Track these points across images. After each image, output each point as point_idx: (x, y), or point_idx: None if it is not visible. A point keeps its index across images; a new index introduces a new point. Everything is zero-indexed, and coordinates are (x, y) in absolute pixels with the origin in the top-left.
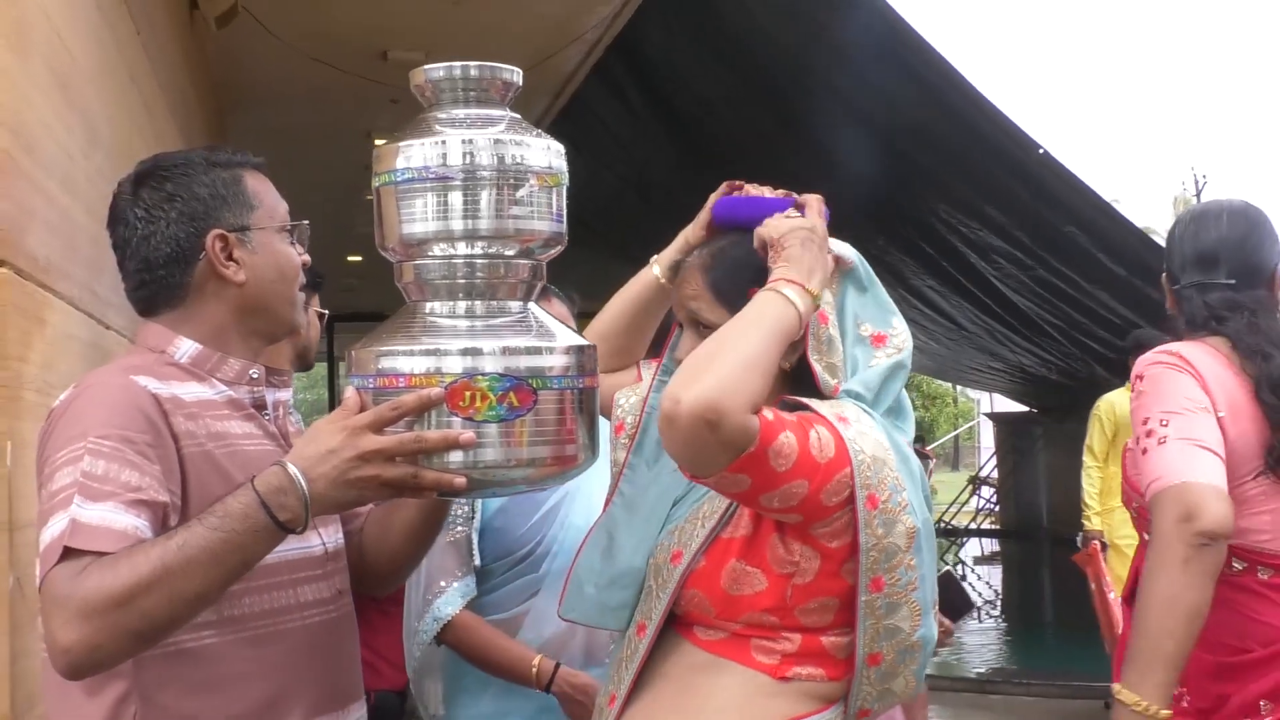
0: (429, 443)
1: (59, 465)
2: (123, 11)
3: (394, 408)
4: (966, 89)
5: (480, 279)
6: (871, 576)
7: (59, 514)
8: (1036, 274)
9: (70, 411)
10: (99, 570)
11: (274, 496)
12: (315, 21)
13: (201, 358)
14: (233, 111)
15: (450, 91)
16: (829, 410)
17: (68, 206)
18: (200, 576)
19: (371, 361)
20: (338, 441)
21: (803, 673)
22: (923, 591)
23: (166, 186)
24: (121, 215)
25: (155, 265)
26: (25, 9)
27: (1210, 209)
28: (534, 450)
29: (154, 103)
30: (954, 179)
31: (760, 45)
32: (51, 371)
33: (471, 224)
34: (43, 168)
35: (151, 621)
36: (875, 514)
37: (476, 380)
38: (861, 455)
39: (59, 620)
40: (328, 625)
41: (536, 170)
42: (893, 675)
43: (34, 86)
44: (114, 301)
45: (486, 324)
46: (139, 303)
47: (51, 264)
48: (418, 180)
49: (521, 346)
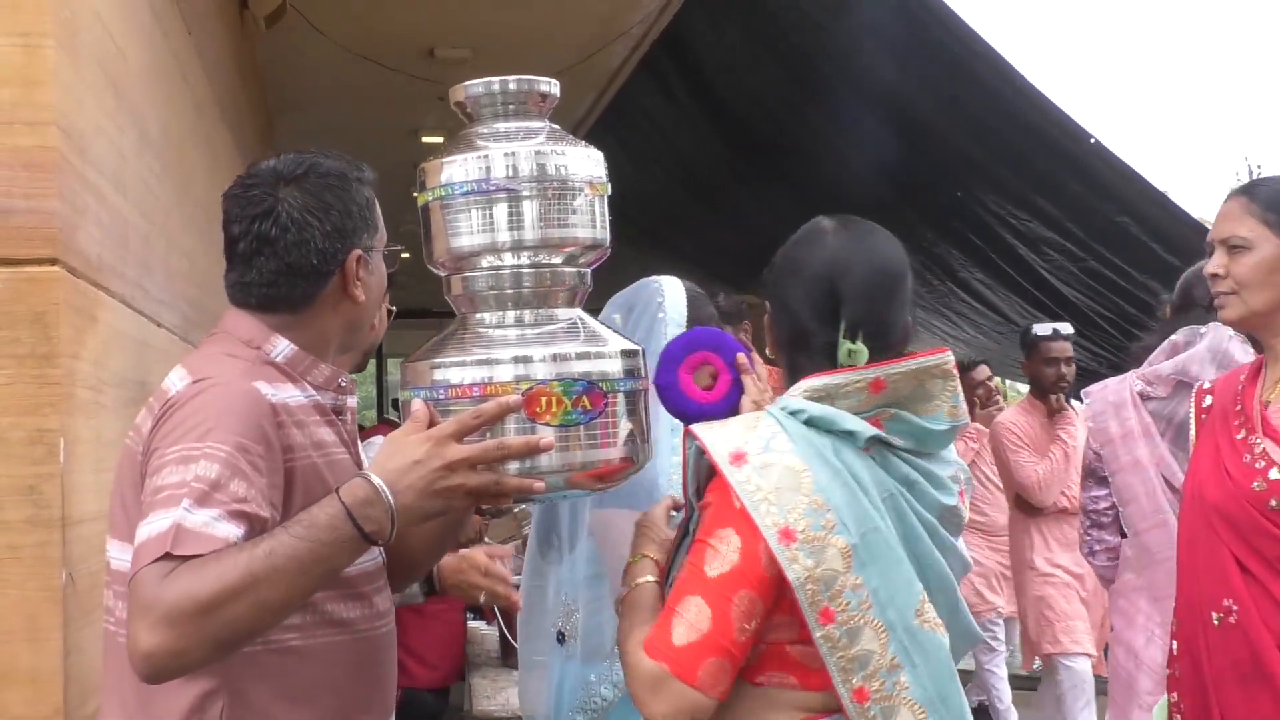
0: (512, 449)
1: (169, 460)
2: (174, 12)
3: (476, 416)
4: (1018, 81)
5: (528, 288)
6: (818, 609)
7: (162, 511)
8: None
9: (191, 407)
10: (187, 574)
11: (360, 509)
12: (362, 20)
13: (296, 359)
14: (281, 111)
15: (490, 106)
16: (725, 451)
17: (119, 206)
18: (285, 585)
19: (428, 373)
20: (423, 452)
21: (774, 679)
22: (880, 609)
23: (326, 196)
24: (269, 211)
25: (298, 272)
26: (77, 9)
27: None
28: (607, 451)
29: (205, 103)
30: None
31: (810, 40)
32: (103, 369)
33: (517, 235)
34: (94, 168)
35: (234, 629)
36: (796, 547)
37: (551, 386)
38: (758, 495)
39: (143, 624)
40: (390, 635)
41: (578, 179)
42: (893, 709)
43: (86, 87)
44: (165, 299)
45: (538, 332)
46: (260, 299)
47: (103, 262)
48: (462, 195)
49: (586, 352)
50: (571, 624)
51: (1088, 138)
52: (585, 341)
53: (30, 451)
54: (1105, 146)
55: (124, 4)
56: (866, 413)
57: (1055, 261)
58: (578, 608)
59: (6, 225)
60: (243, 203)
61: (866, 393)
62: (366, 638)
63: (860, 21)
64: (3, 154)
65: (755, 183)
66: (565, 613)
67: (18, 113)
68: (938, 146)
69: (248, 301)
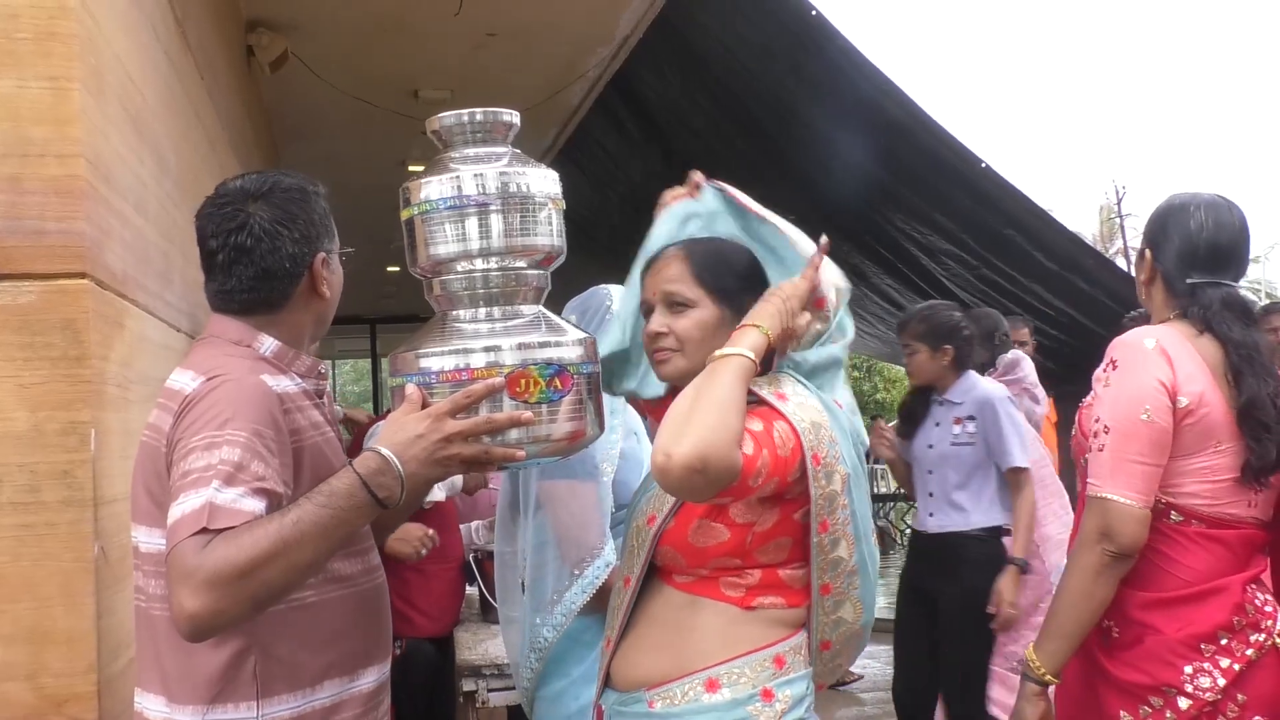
0: (498, 423)
1: (195, 447)
2: (188, 59)
3: (467, 395)
4: (919, 114)
5: (497, 288)
6: (820, 520)
7: (193, 492)
8: (980, 272)
9: (209, 400)
10: (223, 544)
11: (374, 477)
12: (356, 65)
13: (281, 353)
14: (287, 142)
15: (460, 134)
16: (769, 391)
17: (141, 227)
18: (312, 548)
19: (415, 361)
20: (424, 427)
21: (766, 601)
22: (855, 524)
23: (291, 208)
24: (244, 224)
25: (272, 276)
26: (102, 56)
27: (1221, 205)
28: (572, 424)
29: (216, 137)
30: (909, 192)
31: (741, 81)
32: (129, 369)
33: (486, 243)
34: (119, 193)
35: (269, 589)
36: (819, 470)
37: (530, 369)
38: (804, 424)
39: (187, 589)
40: (383, 586)
41: (539, 195)
42: (841, 603)
43: (110, 123)
44: (182, 308)
45: (506, 325)
46: (241, 304)
47: (128, 276)
48: (438, 210)
49: (548, 341)
50: (527, 576)
51: (979, 162)
52: (547, 332)
53: (64, 441)
54: (994, 169)
55: (142, 51)
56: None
57: (952, 269)
58: (528, 562)
59: (40, 244)
60: (217, 219)
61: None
62: (364, 590)
63: (785, 67)
64: (36, 183)
65: None
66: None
67: (49, 146)
68: (852, 172)
69: (230, 307)
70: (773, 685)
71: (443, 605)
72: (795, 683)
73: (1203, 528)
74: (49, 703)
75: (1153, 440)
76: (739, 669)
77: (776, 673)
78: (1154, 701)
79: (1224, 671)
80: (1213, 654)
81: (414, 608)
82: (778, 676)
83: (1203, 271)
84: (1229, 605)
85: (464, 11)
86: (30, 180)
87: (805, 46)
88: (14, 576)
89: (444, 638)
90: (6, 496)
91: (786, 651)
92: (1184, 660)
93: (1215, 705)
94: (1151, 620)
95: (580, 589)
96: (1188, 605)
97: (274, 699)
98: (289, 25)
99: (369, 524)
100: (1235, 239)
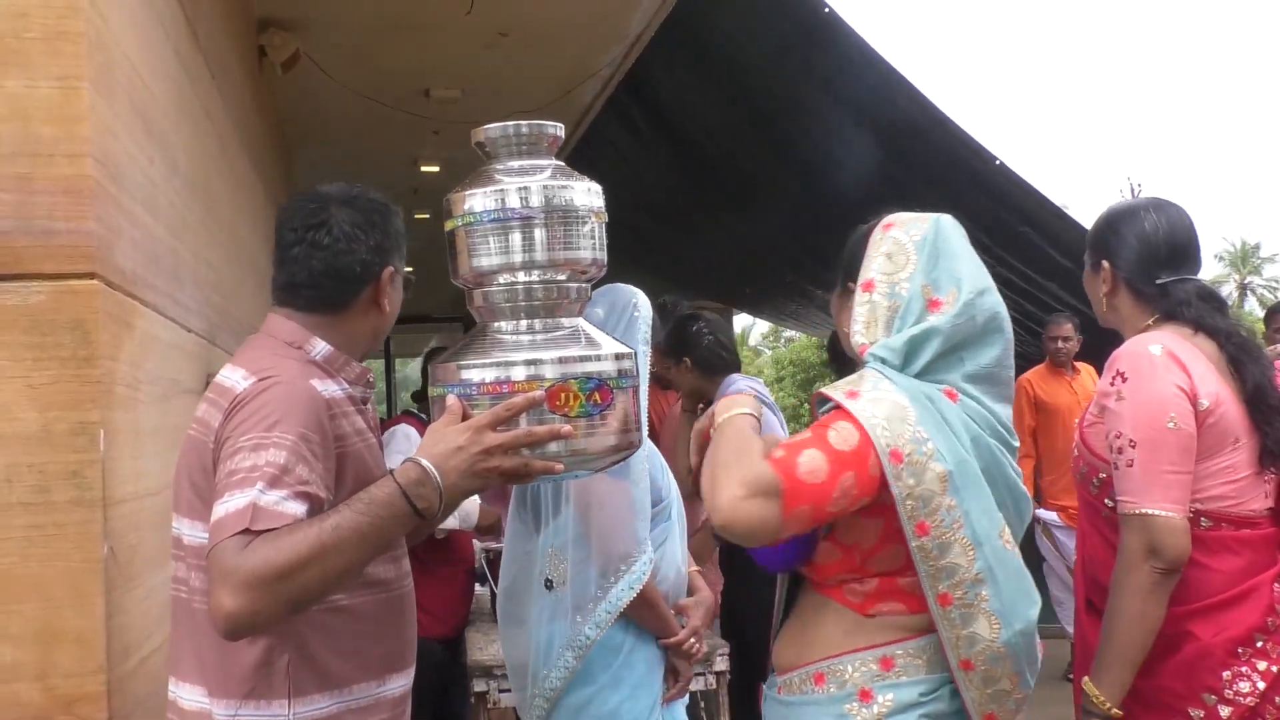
0: (538, 436)
1: (242, 448)
2: (199, 59)
3: (507, 409)
4: (933, 111)
5: (538, 301)
6: (915, 522)
7: (238, 492)
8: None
9: (258, 401)
10: (263, 546)
11: (413, 488)
12: (367, 65)
13: (332, 358)
14: (299, 142)
15: (505, 146)
16: (841, 391)
17: (151, 226)
18: (349, 554)
19: (456, 373)
20: (465, 439)
21: (884, 608)
22: (970, 528)
23: (372, 217)
24: (324, 222)
25: (340, 276)
26: (111, 55)
27: (1166, 204)
28: (611, 438)
29: (227, 136)
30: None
31: (754, 79)
32: (139, 369)
33: (529, 256)
34: (128, 193)
35: (307, 591)
36: (902, 467)
37: (570, 383)
38: (874, 420)
39: (226, 589)
40: (412, 593)
41: (582, 209)
42: (970, 616)
43: (120, 123)
44: (192, 308)
45: (546, 338)
46: (305, 300)
47: (137, 276)
48: (482, 223)
49: (588, 355)
50: (559, 573)
51: (993, 159)
52: (587, 345)
53: (73, 441)
54: (1008, 166)
55: (152, 50)
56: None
57: None
58: (565, 560)
59: (50, 244)
60: (300, 213)
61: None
62: (397, 595)
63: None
64: (45, 182)
65: (707, 204)
66: (554, 564)
67: (58, 146)
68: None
69: (294, 302)
70: (874, 687)
71: (451, 607)
72: (903, 688)
73: (1232, 530)
74: (58, 703)
75: (1181, 447)
76: (843, 665)
77: (881, 674)
78: (1194, 714)
79: (1262, 674)
80: (1249, 657)
81: (421, 608)
82: (882, 679)
83: (1168, 270)
84: (1261, 606)
85: (475, 10)
86: (39, 180)
87: (818, 43)
88: (23, 577)
89: (453, 639)
90: (16, 497)
91: (898, 654)
92: (1222, 666)
93: (1254, 709)
94: (1189, 628)
95: (627, 585)
96: (1223, 610)
97: (305, 698)
98: (300, 24)
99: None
100: (1190, 234)
